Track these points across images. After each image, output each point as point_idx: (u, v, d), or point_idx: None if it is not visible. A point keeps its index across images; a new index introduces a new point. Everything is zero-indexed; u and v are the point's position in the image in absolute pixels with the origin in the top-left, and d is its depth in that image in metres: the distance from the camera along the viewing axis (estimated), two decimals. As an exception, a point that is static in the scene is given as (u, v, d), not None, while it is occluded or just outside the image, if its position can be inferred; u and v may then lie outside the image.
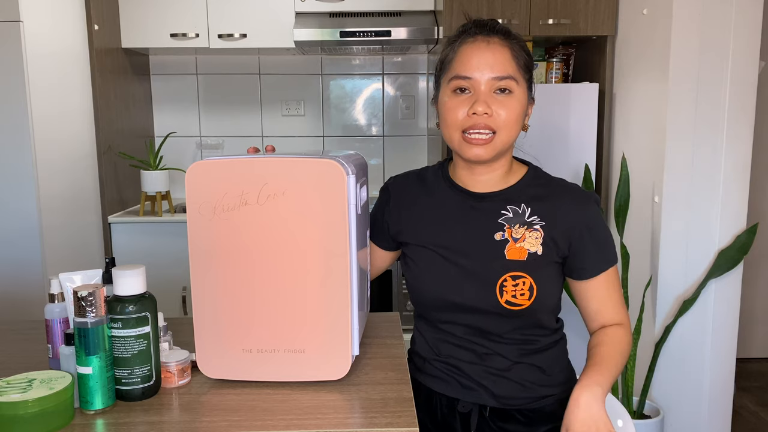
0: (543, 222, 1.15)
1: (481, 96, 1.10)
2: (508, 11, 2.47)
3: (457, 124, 1.13)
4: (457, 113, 1.12)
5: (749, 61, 2.08)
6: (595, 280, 1.17)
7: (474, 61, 1.11)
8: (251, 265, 0.98)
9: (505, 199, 1.17)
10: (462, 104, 1.12)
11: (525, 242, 1.14)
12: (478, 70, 1.11)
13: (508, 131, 1.12)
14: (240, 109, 3.17)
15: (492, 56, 1.11)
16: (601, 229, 1.17)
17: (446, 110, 1.14)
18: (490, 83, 1.11)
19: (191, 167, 0.97)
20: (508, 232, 1.14)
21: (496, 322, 1.14)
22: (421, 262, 1.19)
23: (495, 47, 1.12)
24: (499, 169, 1.18)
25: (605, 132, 2.55)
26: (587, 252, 1.15)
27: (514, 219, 1.15)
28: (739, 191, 2.14)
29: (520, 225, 1.15)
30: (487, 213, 1.17)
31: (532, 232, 1.14)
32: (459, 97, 1.13)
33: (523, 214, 1.15)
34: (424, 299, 1.20)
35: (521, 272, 1.12)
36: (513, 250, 1.13)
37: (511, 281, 1.12)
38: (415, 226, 1.22)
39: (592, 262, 1.16)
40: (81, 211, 2.49)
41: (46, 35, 2.25)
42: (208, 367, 1.02)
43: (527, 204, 1.16)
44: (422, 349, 1.24)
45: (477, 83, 1.11)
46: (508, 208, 1.16)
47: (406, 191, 1.26)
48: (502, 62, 1.11)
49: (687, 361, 2.22)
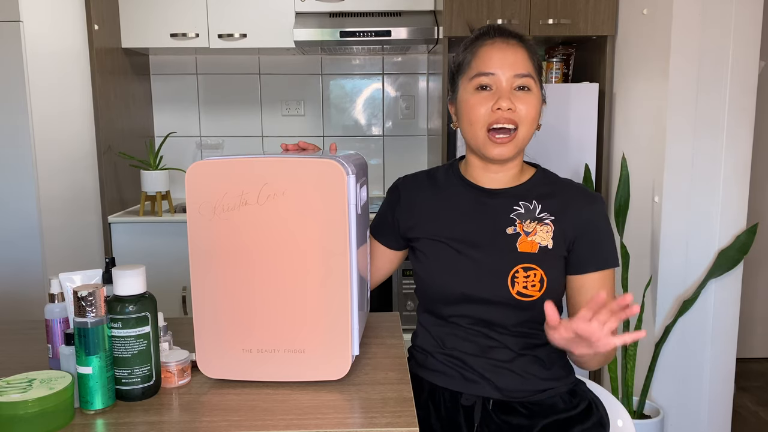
0: (553, 217, 1.19)
1: (504, 92, 1.15)
2: (508, 11, 2.47)
3: (481, 121, 1.17)
4: (481, 110, 1.16)
5: (749, 61, 2.08)
6: (589, 277, 1.19)
7: (496, 59, 1.16)
8: (251, 265, 0.99)
9: (516, 196, 1.21)
10: (485, 100, 1.16)
11: (536, 236, 1.18)
12: (500, 68, 1.16)
13: (528, 127, 1.17)
14: (240, 109, 3.18)
15: (513, 55, 1.17)
16: (605, 228, 1.20)
17: (469, 107, 1.18)
18: (512, 80, 1.16)
19: (191, 167, 0.97)
20: (519, 227, 1.18)
21: (504, 313, 1.17)
22: (433, 254, 1.22)
23: (514, 47, 1.18)
24: (513, 168, 1.23)
25: (605, 132, 2.55)
26: (587, 247, 1.18)
27: (526, 214, 1.19)
28: (739, 191, 2.14)
29: (531, 220, 1.19)
30: (499, 208, 1.21)
31: (543, 226, 1.18)
32: (481, 94, 1.17)
33: (534, 210, 1.20)
34: (434, 292, 1.22)
35: (532, 264, 1.15)
36: (525, 243, 1.17)
37: (523, 273, 1.15)
38: (428, 221, 1.25)
39: (590, 258, 1.18)
40: (81, 211, 2.49)
41: (46, 35, 2.25)
42: (208, 367, 1.02)
43: (538, 201, 1.20)
44: (425, 343, 1.26)
45: (499, 80, 1.16)
46: (520, 204, 1.20)
47: (418, 189, 1.29)
48: (521, 61, 1.17)
49: (687, 361, 2.22)
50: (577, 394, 1.23)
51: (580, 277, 1.19)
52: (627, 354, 2.18)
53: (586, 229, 1.18)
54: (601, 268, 1.19)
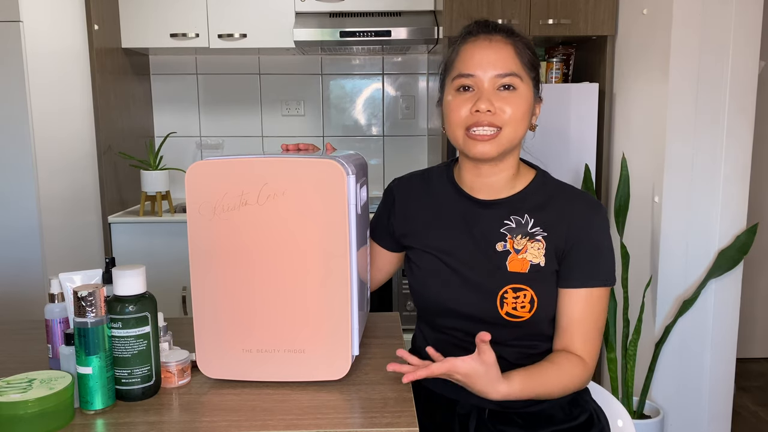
0: (546, 232, 1.13)
1: (484, 93, 1.10)
2: (508, 11, 2.47)
3: (460, 122, 1.12)
4: (461, 111, 1.11)
5: (749, 61, 2.08)
6: (575, 292, 1.12)
7: (476, 59, 1.11)
8: (251, 265, 0.98)
9: (509, 209, 1.16)
10: (465, 102, 1.11)
11: (527, 253, 1.12)
12: (481, 68, 1.10)
13: (513, 127, 1.11)
14: (240, 109, 3.17)
15: (494, 54, 1.10)
16: (600, 242, 1.13)
17: (450, 109, 1.13)
18: (493, 81, 1.10)
19: (191, 167, 0.97)
20: (510, 243, 1.13)
21: (495, 330, 1.12)
22: (424, 267, 1.19)
23: (497, 45, 1.11)
24: (506, 170, 1.17)
25: (605, 132, 2.55)
26: (578, 261, 1.12)
27: (517, 230, 1.14)
28: (739, 191, 2.14)
29: (522, 236, 1.13)
30: (490, 221, 1.16)
31: (534, 242, 1.13)
32: (462, 96, 1.12)
33: (525, 224, 1.14)
34: (426, 304, 1.20)
35: (522, 284, 1.11)
36: (515, 262, 1.12)
37: (512, 293, 1.11)
38: (420, 231, 1.21)
39: (579, 273, 1.12)
40: (81, 211, 2.49)
41: (46, 35, 2.25)
42: (208, 367, 1.02)
43: (530, 214, 1.15)
44: (422, 350, 1.24)
45: (480, 81, 1.10)
46: (511, 218, 1.15)
47: (411, 194, 1.25)
48: (504, 59, 1.10)
49: (687, 361, 2.22)
50: (579, 404, 1.19)
51: (564, 291, 1.13)
52: (627, 354, 2.18)
53: (579, 242, 1.12)
54: (588, 285, 1.11)
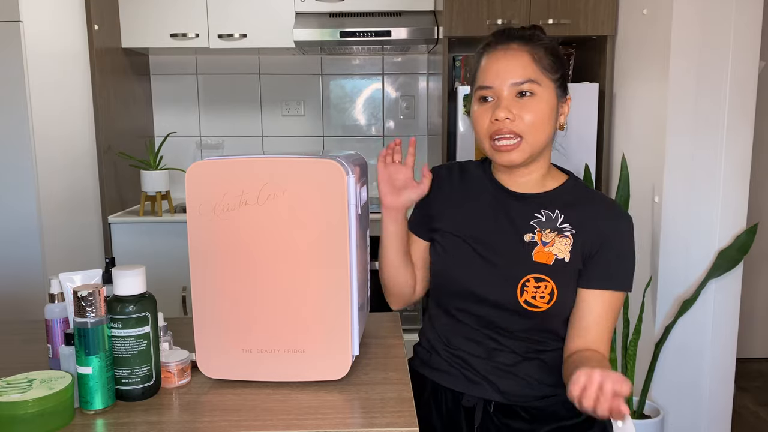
0: (574, 230, 1.16)
1: (502, 102, 1.14)
2: (508, 11, 2.47)
3: (484, 132, 1.17)
4: (484, 121, 1.16)
5: (749, 61, 2.08)
6: (595, 294, 1.15)
7: (493, 70, 1.15)
8: (251, 265, 0.98)
9: (540, 203, 1.20)
10: (486, 112, 1.16)
11: (554, 247, 1.16)
12: (498, 78, 1.14)
13: (535, 134, 1.14)
14: (240, 109, 3.17)
15: (508, 63, 1.14)
16: (624, 249, 1.17)
17: (474, 119, 1.19)
18: (511, 89, 1.14)
19: (191, 167, 0.97)
20: (538, 236, 1.17)
21: (510, 319, 1.16)
22: (450, 249, 1.22)
23: (513, 53, 1.15)
24: (536, 171, 1.21)
25: (605, 132, 2.55)
26: (600, 263, 1.15)
27: (546, 224, 1.18)
28: (739, 191, 2.14)
29: (551, 230, 1.17)
30: (521, 213, 1.19)
31: (562, 238, 1.16)
32: (484, 106, 1.17)
33: (555, 219, 1.18)
34: (446, 286, 1.22)
35: (545, 275, 1.14)
36: (541, 254, 1.15)
37: (534, 282, 1.14)
38: (451, 214, 1.25)
39: (601, 275, 1.15)
40: (81, 211, 2.49)
41: (46, 35, 2.25)
42: (208, 367, 1.02)
43: (561, 210, 1.18)
44: (431, 339, 1.26)
45: (498, 91, 1.15)
46: (542, 212, 1.19)
47: (449, 179, 1.29)
48: (521, 67, 1.14)
49: (687, 361, 2.22)
50: None
51: (584, 291, 1.16)
52: (627, 354, 2.18)
53: (604, 245, 1.15)
54: (608, 287, 1.15)
